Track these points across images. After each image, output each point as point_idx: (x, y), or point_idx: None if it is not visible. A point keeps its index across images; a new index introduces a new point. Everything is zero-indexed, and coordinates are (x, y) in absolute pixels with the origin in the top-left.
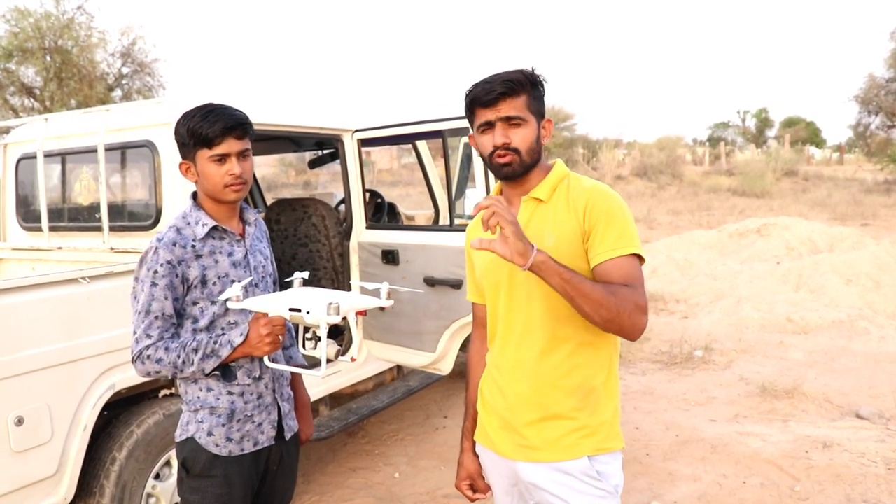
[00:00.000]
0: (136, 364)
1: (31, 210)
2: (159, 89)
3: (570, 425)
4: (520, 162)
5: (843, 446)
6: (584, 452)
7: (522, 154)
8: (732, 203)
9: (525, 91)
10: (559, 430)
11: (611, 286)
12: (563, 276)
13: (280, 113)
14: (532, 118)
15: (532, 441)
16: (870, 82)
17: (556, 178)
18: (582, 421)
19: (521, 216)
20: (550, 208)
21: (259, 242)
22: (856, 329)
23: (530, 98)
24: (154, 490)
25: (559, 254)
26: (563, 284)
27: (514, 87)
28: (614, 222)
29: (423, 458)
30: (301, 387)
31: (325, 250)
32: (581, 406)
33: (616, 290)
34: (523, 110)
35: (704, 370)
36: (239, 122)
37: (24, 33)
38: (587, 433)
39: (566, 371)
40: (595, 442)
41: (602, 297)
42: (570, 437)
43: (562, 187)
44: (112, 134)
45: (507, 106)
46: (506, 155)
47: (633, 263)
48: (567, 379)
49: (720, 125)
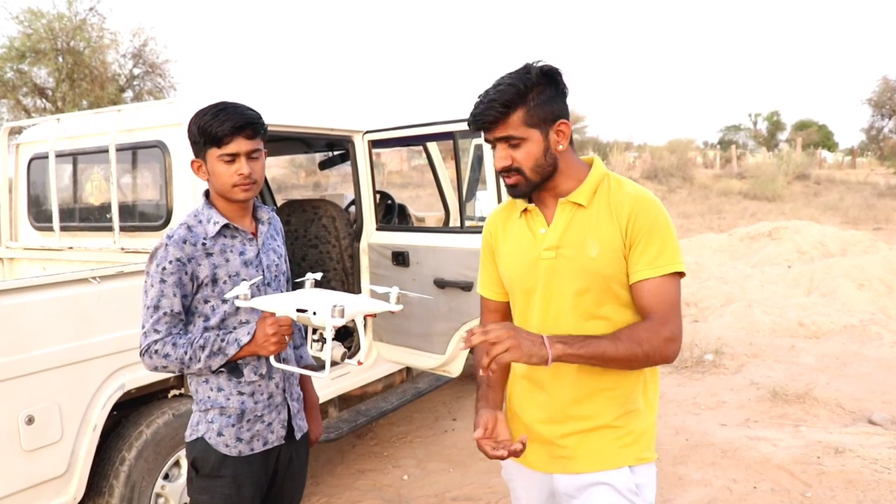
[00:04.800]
0: (144, 358)
1: (43, 210)
2: (170, 90)
3: (612, 434)
4: (525, 182)
5: (855, 452)
6: (625, 462)
7: (526, 173)
8: (743, 206)
9: (519, 106)
10: (600, 440)
11: (634, 333)
12: (585, 355)
13: (291, 114)
14: (533, 132)
15: (570, 451)
16: (883, 85)
17: (596, 180)
18: (625, 429)
19: (558, 220)
20: (592, 214)
21: (273, 241)
22: (868, 334)
23: (527, 111)
24: (163, 490)
25: (604, 265)
26: (587, 362)
27: (501, 110)
28: (656, 237)
29: (431, 460)
30: (310, 387)
31: (335, 252)
32: (623, 414)
33: (640, 337)
34: (519, 128)
35: (715, 374)
36: (249, 121)
37: (36, 34)
38: (629, 441)
39: (608, 378)
40: (636, 451)
41: (628, 352)
42: (612, 447)
43: (602, 190)
44: (123, 134)
45: (500, 128)
46: (510, 176)
47: (670, 284)
48: (609, 386)
49: (731, 128)
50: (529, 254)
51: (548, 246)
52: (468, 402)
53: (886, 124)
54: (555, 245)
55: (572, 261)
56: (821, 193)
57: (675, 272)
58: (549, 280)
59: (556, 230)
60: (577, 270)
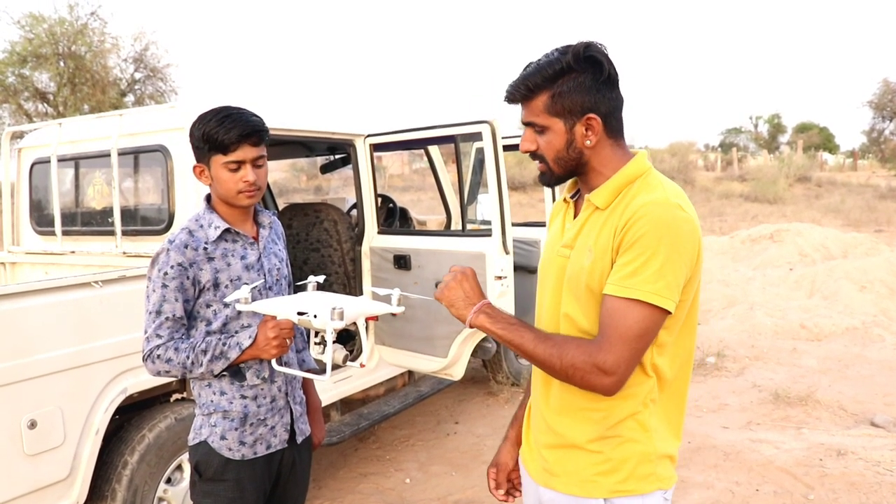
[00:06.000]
0: (147, 363)
1: (45, 214)
2: (171, 94)
3: (586, 458)
4: (549, 172)
5: (857, 454)
6: (597, 493)
7: (549, 163)
8: (745, 209)
9: (544, 91)
10: (575, 461)
11: (565, 344)
12: (502, 337)
13: (293, 118)
14: (555, 122)
15: (552, 466)
16: (884, 87)
17: (622, 182)
18: (602, 455)
19: (580, 219)
20: (602, 218)
21: (274, 245)
22: (870, 336)
23: (551, 98)
24: (165, 494)
25: (592, 276)
26: (506, 345)
27: (525, 91)
28: (639, 254)
29: (434, 463)
30: (312, 391)
31: (336, 255)
32: (599, 438)
33: (566, 351)
34: (541, 115)
35: (717, 377)
36: (255, 129)
37: (38, 39)
38: (606, 469)
39: (591, 396)
40: (613, 482)
41: (544, 357)
42: (586, 472)
43: (628, 192)
44: (125, 139)
45: (525, 111)
46: (537, 161)
47: (630, 311)
48: (584, 406)
49: (732, 131)
50: (552, 247)
51: (565, 243)
52: (470, 406)
53: (887, 126)
54: (570, 244)
55: (574, 265)
56: (822, 196)
57: (640, 300)
58: (558, 278)
59: (574, 229)
60: (573, 276)
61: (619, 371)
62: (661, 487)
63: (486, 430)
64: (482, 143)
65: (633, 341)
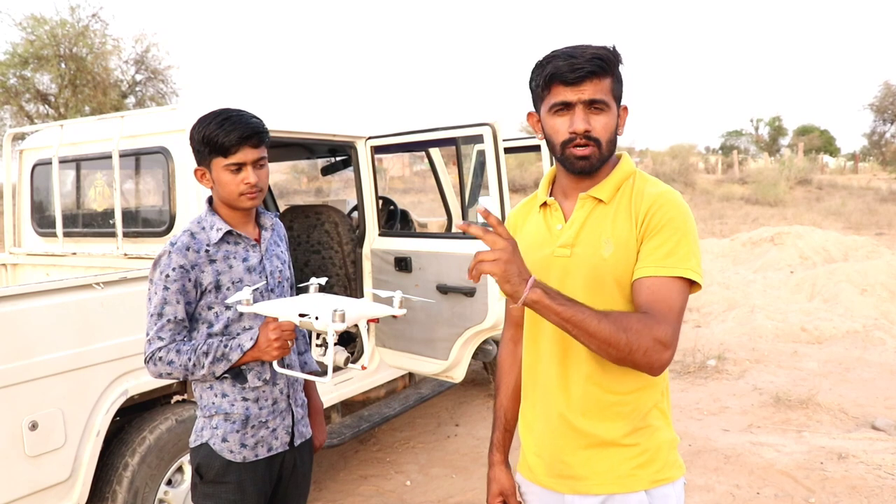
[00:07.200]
0: (149, 365)
1: (46, 216)
2: (172, 96)
3: (624, 453)
4: (598, 155)
5: (858, 458)
6: (639, 486)
7: (602, 146)
8: (745, 212)
9: (613, 72)
10: (610, 459)
11: (625, 319)
12: (561, 314)
13: (293, 120)
14: (614, 105)
15: (576, 470)
16: (885, 90)
17: (621, 177)
18: (639, 447)
19: (576, 216)
20: (611, 211)
21: (276, 247)
22: (871, 339)
23: (615, 81)
24: (166, 496)
25: (617, 266)
26: (562, 323)
27: (604, 66)
28: (670, 236)
29: (434, 465)
30: (314, 393)
31: (337, 257)
32: (635, 430)
33: (629, 325)
34: (608, 94)
35: (717, 379)
36: (255, 130)
37: (39, 41)
38: (644, 461)
39: (618, 391)
40: (652, 472)
41: (609, 334)
42: (624, 467)
43: (626, 187)
44: (127, 140)
45: (592, 87)
46: (587, 145)
47: (673, 287)
48: (617, 401)
49: (733, 133)
50: (543, 250)
51: (563, 243)
52: (471, 408)
53: (888, 129)
54: (570, 243)
55: (585, 260)
56: (823, 198)
57: (682, 277)
58: (562, 278)
59: (573, 227)
60: (589, 270)
61: (674, 344)
62: (683, 473)
63: (487, 432)
64: (483, 146)
65: (679, 314)
